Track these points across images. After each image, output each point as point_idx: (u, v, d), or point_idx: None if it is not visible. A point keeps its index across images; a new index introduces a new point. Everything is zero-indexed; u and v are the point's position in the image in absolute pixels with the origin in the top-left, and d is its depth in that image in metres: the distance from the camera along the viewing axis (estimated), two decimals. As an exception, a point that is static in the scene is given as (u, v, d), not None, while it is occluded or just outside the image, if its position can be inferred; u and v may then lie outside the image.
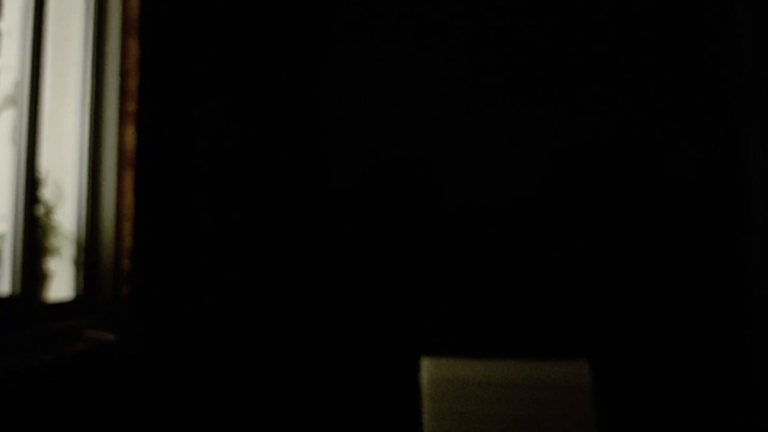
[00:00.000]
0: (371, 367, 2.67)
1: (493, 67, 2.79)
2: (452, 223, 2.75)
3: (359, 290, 2.76)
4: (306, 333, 2.72)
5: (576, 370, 1.72)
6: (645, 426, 2.56)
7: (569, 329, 2.60)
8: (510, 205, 2.73)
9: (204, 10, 2.45)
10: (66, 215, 2.00)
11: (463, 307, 2.67)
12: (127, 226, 2.02)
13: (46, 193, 1.91)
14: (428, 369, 1.74)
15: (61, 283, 1.98)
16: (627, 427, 2.55)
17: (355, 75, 2.86)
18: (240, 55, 2.69)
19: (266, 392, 2.63)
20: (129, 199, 2.02)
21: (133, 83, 2.06)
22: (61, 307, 1.93)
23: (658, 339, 2.58)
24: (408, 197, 2.78)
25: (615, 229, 2.65)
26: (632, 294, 2.61)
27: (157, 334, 2.15)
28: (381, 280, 2.74)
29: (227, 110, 2.60)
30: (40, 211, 1.87)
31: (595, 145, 2.70)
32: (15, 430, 1.48)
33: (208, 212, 2.44)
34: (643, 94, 2.69)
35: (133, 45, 2.08)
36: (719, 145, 2.62)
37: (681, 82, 2.67)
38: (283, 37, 2.88)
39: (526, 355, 1.89)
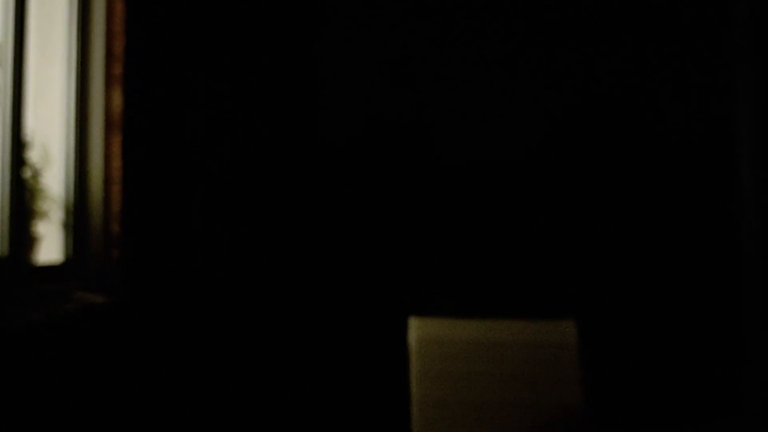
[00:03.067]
0: (359, 326, 2.69)
1: (490, 26, 2.77)
2: (442, 184, 2.75)
3: (348, 249, 2.76)
4: (295, 293, 2.73)
5: (563, 329, 1.73)
6: (631, 385, 2.59)
7: (557, 289, 2.61)
8: (500, 166, 2.73)
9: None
10: (54, 178, 1.99)
11: (452, 267, 2.69)
12: (116, 190, 2.02)
13: (33, 155, 1.90)
14: (416, 328, 1.75)
15: (50, 246, 1.98)
16: (613, 386, 2.57)
17: (352, 36, 2.84)
18: (232, 16, 2.66)
19: (255, 354, 2.64)
20: (117, 162, 2.01)
21: (119, 46, 2.04)
22: (50, 269, 1.93)
23: (645, 300, 2.60)
24: (400, 156, 2.78)
25: (606, 192, 2.66)
26: (620, 255, 2.63)
27: (147, 296, 2.16)
28: (370, 239, 2.75)
29: (219, 74, 2.57)
30: (27, 173, 1.86)
31: (589, 108, 2.69)
32: (4, 389, 1.49)
33: (197, 176, 2.44)
34: (638, 57, 2.68)
35: (119, 6, 2.05)
36: (711, 105, 2.62)
37: (675, 48, 2.66)
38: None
39: (515, 314, 1.90)
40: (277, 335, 2.70)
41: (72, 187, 2.02)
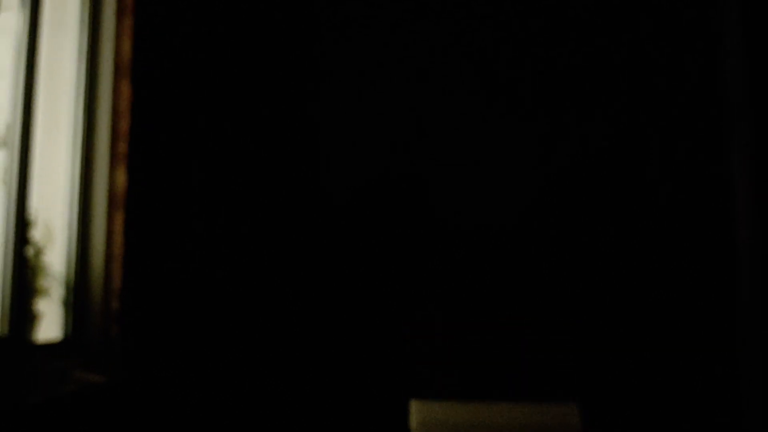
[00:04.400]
0: (360, 409, 2.65)
1: (487, 91, 2.83)
2: (443, 252, 2.76)
3: (349, 331, 2.75)
4: (296, 376, 2.71)
5: (566, 412, 1.72)
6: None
7: (560, 371, 2.59)
8: (498, 237, 2.74)
9: (195, 51, 2.49)
10: (55, 256, 2.00)
11: (452, 347, 2.67)
12: (117, 267, 2.02)
13: (36, 234, 1.92)
14: (418, 412, 1.74)
15: (50, 323, 1.97)
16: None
17: (351, 97, 2.90)
18: (233, 94, 2.73)
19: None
20: (119, 240, 2.03)
21: (124, 125, 2.08)
22: (50, 348, 1.92)
23: (648, 381, 2.58)
24: (398, 223, 2.80)
25: (606, 265, 2.67)
26: (622, 335, 2.62)
27: (147, 375, 2.14)
28: (371, 320, 2.74)
29: (222, 152, 2.62)
30: (30, 252, 1.87)
31: (585, 170, 2.73)
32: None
33: (199, 254, 2.45)
34: (628, 123, 2.74)
35: (126, 87, 2.10)
36: (706, 172, 2.66)
37: (666, 100, 2.72)
38: (278, 63, 2.91)
39: (517, 396, 1.89)
40: (280, 419, 2.67)
41: (73, 264, 2.03)
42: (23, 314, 1.81)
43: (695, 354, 2.56)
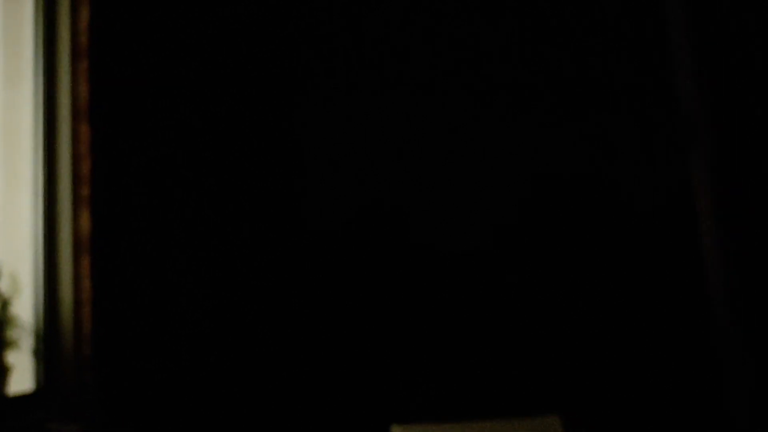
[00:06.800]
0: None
1: (461, 123, 2.82)
2: (421, 277, 2.73)
3: (330, 358, 2.72)
4: (278, 402, 2.67)
5: (548, 425, 1.68)
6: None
7: (541, 385, 2.55)
8: (475, 261, 2.72)
9: (156, 89, 2.47)
10: (23, 306, 1.97)
11: (434, 370, 2.63)
12: (86, 312, 1.99)
13: (2, 285, 1.89)
14: (396, 437, 1.70)
15: (21, 376, 1.94)
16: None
17: (331, 132, 2.89)
18: (201, 129, 2.71)
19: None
20: (86, 284, 2.00)
21: (85, 168, 2.06)
22: (22, 400, 1.89)
23: (629, 391, 2.54)
24: (378, 252, 2.77)
25: (583, 280, 2.64)
26: (602, 347, 2.58)
27: (123, 420, 2.10)
28: (351, 346, 2.71)
29: (190, 189, 2.59)
30: (-4, 304, 1.84)
31: (556, 195, 2.71)
32: None
33: (171, 294, 2.42)
34: (598, 143, 2.72)
35: (85, 129, 2.09)
36: (672, 179, 2.64)
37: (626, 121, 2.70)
38: (256, 100, 2.90)
39: (500, 413, 1.85)
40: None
41: (41, 312, 2.00)
42: (-8, 368, 1.77)
43: (676, 364, 2.51)
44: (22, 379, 1.94)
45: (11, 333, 1.90)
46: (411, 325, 2.69)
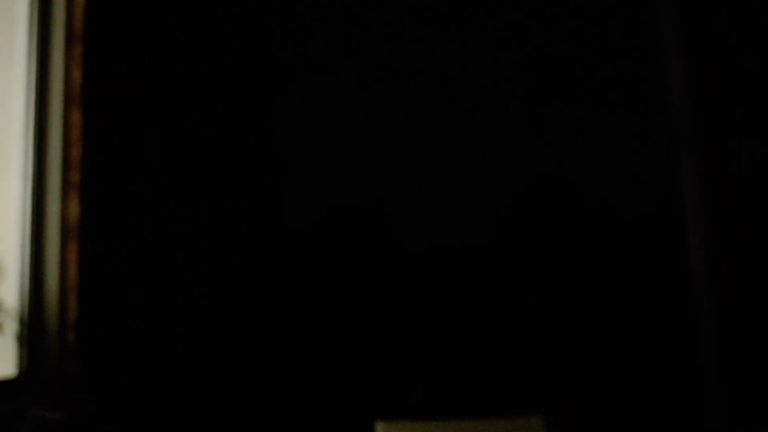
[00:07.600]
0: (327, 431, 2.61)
1: (445, 117, 2.83)
2: (404, 276, 2.74)
3: (314, 355, 2.71)
4: (262, 399, 2.67)
5: (531, 425, 1.69)
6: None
7: (524, 385, 2.57)
8: (459, 262, 2.73)
9: (148, 76, 2.46)
10: (8, 290, 1.95)
11: (418, 367, 2.64)
12: (72, 299, 1.98)
13: (-13, 269, 1.87)
14: (381, 433, 1.70)
15: (4, 360, 1.92)
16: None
17: (310, 126, 2.88)
18: (189, 119, 2.70)
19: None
20: (73, 271, 1.98)
21: (76, 154, 2.04)
22: (4, 386, 1.87)
23: (612, 393, 2.56)
24: (359, 249, 2.77)
25: (568, 283, 2.66)
26: (586, 348, 2.60)
27: (107, 410, 2.09)
28: (333, 341, 2.71)
29: (177, 179, 2.58)
30: (-20, 288, 1.83)
31: (542, 194, 2.73)
32: None
33: (157, 283, 2.40)
34: (586, 147, 2.74)
35: (77, 115, 2.07)
36: (660, 188, 2.66)
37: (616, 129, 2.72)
38: (238, 91, 2.90)
39: (483, 413, 1.86)
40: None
41: (27, 297, 1.98)
42: (-25, 352, 1.76)
43: (659, 368, 2.54)
44: (5, 365, 1.92)
45: (-5, 317, 1.89)
46: (396, 324, 2.69)
